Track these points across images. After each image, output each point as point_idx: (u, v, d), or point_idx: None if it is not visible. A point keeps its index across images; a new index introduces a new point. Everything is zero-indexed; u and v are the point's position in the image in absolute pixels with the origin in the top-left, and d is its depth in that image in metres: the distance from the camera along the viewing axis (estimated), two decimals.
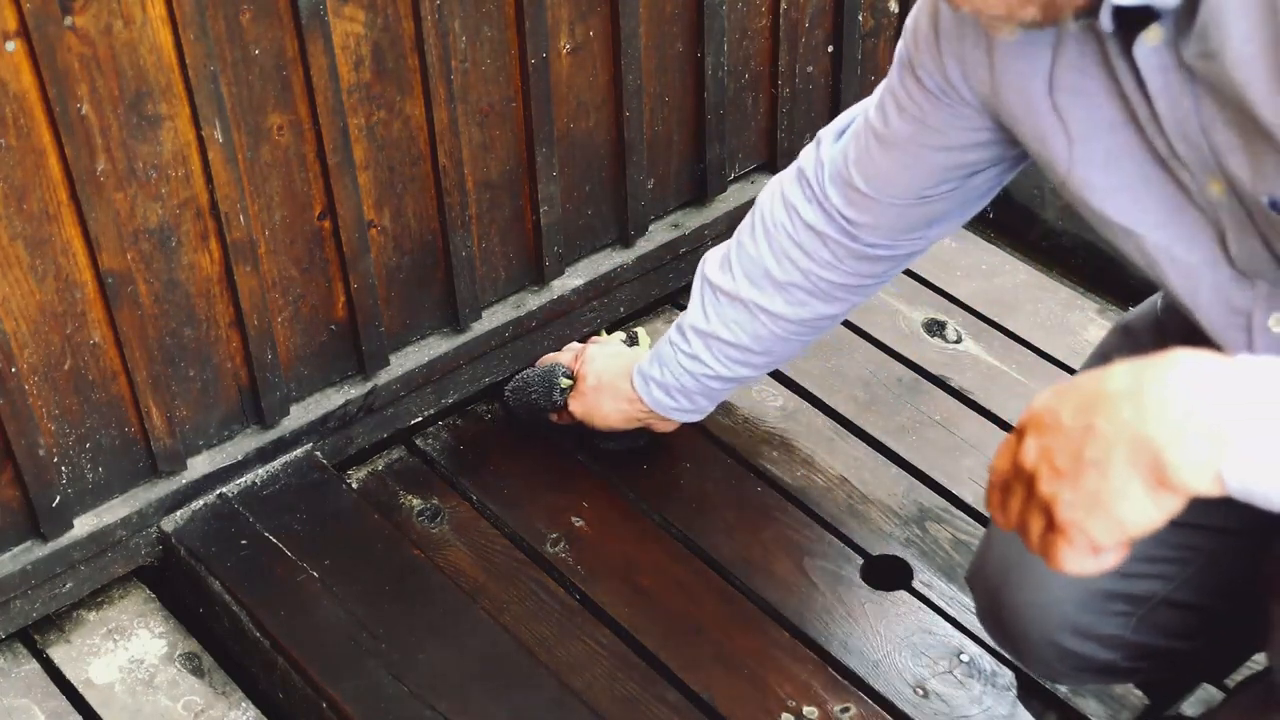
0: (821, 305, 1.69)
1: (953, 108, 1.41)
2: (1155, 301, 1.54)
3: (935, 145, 1.46)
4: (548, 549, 1.89)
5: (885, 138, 1.50)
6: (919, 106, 1.43)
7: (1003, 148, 1.45)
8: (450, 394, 2.03)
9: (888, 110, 1.48)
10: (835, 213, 1.60)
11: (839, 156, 1.58)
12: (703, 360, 1.79)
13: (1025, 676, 1.74)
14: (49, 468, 1.70)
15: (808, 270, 1.66)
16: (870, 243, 1.60)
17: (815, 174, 1.62)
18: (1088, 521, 1.00)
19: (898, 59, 1.45)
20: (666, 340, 1.83)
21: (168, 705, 1.72)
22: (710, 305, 1.76)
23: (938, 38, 1.37)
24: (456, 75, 1.81)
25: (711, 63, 2.07)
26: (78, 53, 1.50)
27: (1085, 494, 0.99)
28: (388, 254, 1.89)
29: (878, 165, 1.52)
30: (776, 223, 1.67)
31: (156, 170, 1.62)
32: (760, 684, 1.73)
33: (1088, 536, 1.00)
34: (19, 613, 1.76)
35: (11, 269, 1.57)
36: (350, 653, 1.69)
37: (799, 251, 1.65)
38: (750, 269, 1.71)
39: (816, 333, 1.76)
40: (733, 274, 1.72)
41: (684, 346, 1.80)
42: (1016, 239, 2.42)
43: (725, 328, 1.75)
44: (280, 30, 1.64)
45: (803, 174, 1.64)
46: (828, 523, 1.92)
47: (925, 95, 1.42)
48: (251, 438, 1.88)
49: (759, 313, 1.71)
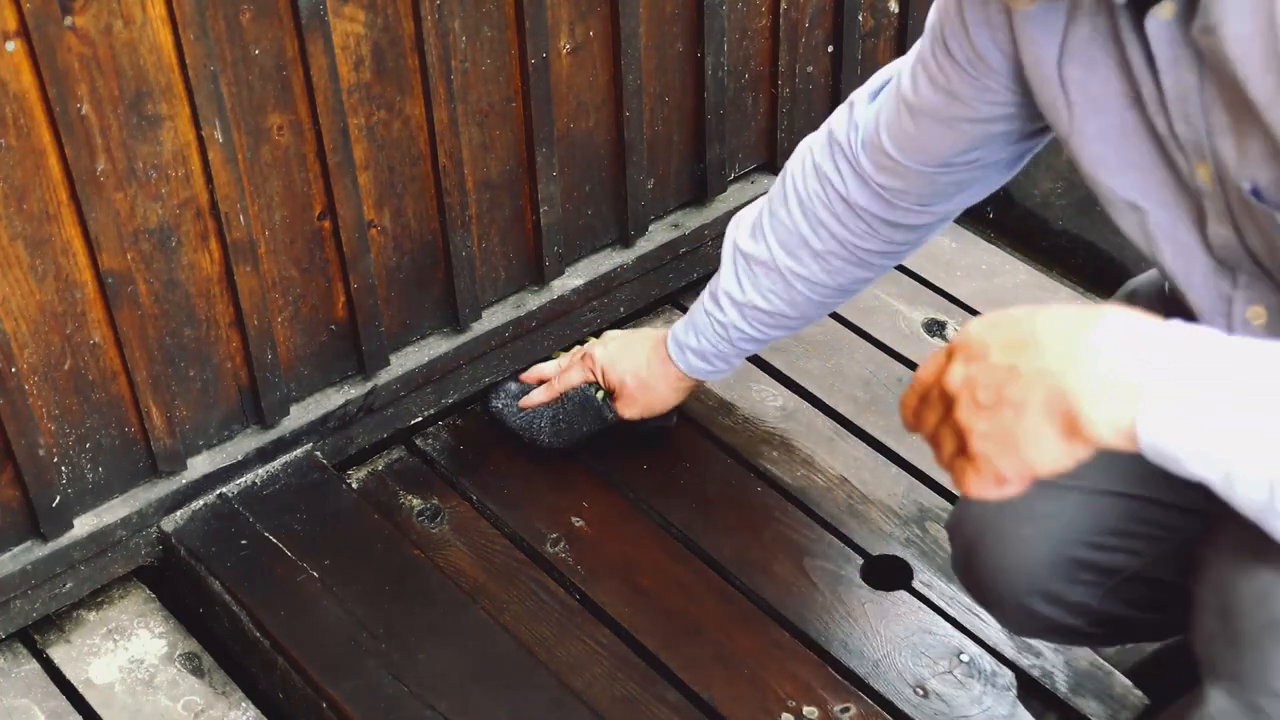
0: (857, 270, 1.70)
1: (979, 80, 1.41)
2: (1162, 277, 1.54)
3: (963, 117, 1.46)
4: (548, 549, 1.89)
5: (915, 106, 1.50)
6: (948, 78, 1.43)
7: (1027, 121, 1.45)
8: (450, 394, 2.03)
9: (919, 79, 1.48)
10: (868, 178, 1.60)
11: (872, 121, 1.58)
12: (739, 328, 1.80)
13: (1025, 676, 1.74)
14: (49, 468, 1.70)
15: (844, 240, 1.66)
16: (903, 208, 1.60)
17: (848, 138, 1.61)
18: (997, 456, 1.05)
19: (929, 27, 1.45)
20: (700, 309, 1.83)
21: (168, 705, 1.72)
22: (745, 276, 1.76)
23: (964, 6, 1.37)
24: (456, 75, 1.81)
25: (711, 63, 2.07)
26: (78, 53, 1.50)
27: (999, 430, 1.05)
28: (388, 254, 1.89)
29: (907, 133, 1.52)
30: (810, 192, 1.66)
31: (156, 170, 1.62)
32: (760, 684, 1.73)
33: (995, 469, 1.06)
34: (19, 613, 1.76)
35: (11, 269, 1.57)
36: (350, 653, 1.69)
37: (835, 222, 1.65)
38: (785, 238, 1.70)
39: (850, 295, 1.78)
40: (766, 242, 1.72)
41: (719, 315, 1.80)
42: (1016, 239, 2.42)
43: (761, 297, 1.75)
44: (280, 30, 1.64)
45: (834, 138, 1.63)
46: (828, 523, 1.92)
47: (954, 67, 1.42)
48: (251, 438, 1.88)
49: (796, 280, 1.72)
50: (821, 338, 2.17)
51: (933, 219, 1.63)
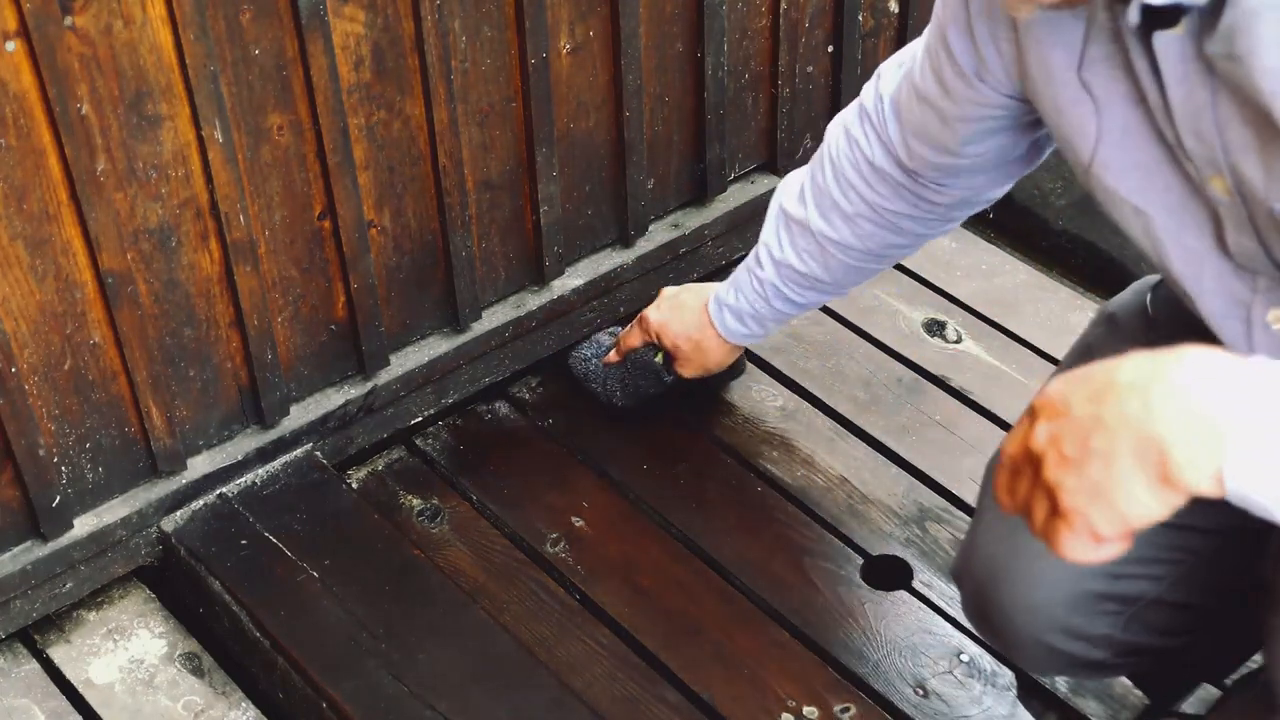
0: (889, 235, 1.70)
1: (969, 80, 1.40)
2: (1143, 294, 1.53)
3: (955, 115, 1.46)
4: (548, 549, 1.89)
5: (920, 92, 1.50)
6: (945, 74, 1.44)
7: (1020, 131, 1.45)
8: (450, 394, 2.03)
9: (924, 67, 1.49)
10: (893, 148, 1.61)
11: (894, 94, 1.59)
12: (775, 285, 1.80)
13: (1025, 676, 1.74)
14: (49, 468, 1.70)
15: (873, 203, 1.66)
16: (923, 181, 1.60)
17: (875, 108, 1.62)
18: (1090, 510, 1.00)
19: (935, 20, 1.45)
20: (744, 266, 1.84)
21: (168, 705, 1.72)
22: (784, 233, 1.77)
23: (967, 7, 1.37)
24: (456, 75, 1.81)
25: (711, 63, 2.07)
26: (78, 53, 1.50)
27: (1089, 483, 1.00)
28: (388, 254, 1.89)
29: (915, 115, 1.53)
30: (840, 154, 1.67)
31: (156, 170, 1.62)
32: (760, 684, 1.73)
33: (1089, 525, 1.01)
34: (19, 613, 1.76)
35: (11, 269, 1.57)
36: (350, 653, 1.69)
37: (863, 184, 1.66)
38: (820, 201, 1.71)
39: (886, 261, 1.77)
40: (805, 205, 1.73)
41: (758, 271, 1.81)
42: (1016, 239, 2.42)
43: (797, 257, 1.76)
44: (280, 30, 1.64)
45: (864, 109, 1.64)
46: (828, 523, 1.92)
47: (953, 66, 1.42)
48: (251, 438, 1.88)
49: (828, 244, 1.72)
50: (821, 338, 2.17)
51: (953, 200, 1.62)
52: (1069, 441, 1.01)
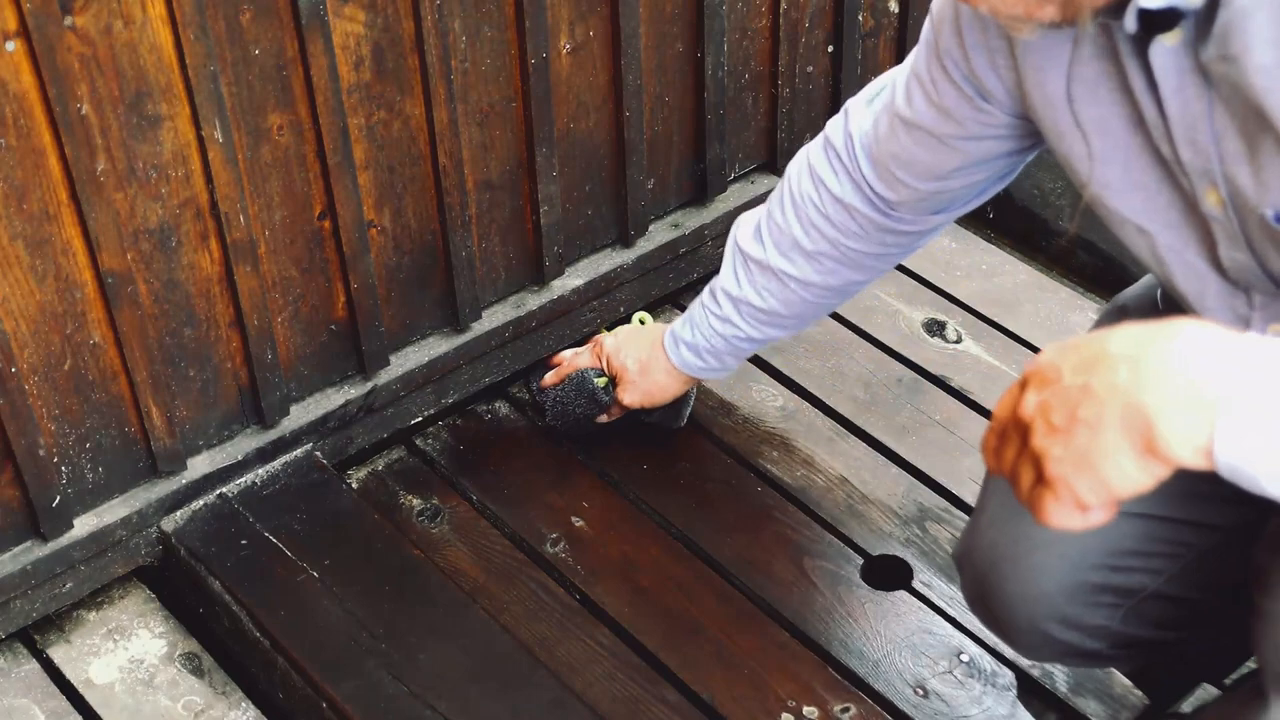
0: (850, 272, 1.70)
1: (973, 101, 1.40)
2: (1154, 287, 1.53)
3: (956, 135, 1.46)
4: (548, 549, 1.89)
5: (910, 121, 1.49)
6: (941, 95, 1.43)
7: (1022, 140, 1.45)
8: (450, 394, 2.03)
9: (913, 94, 1.47)
10: (865, 186, 1.60)
11: (870, 130, 1.58)
12: (733, 323, 1.80)
13: (1025, 676, 1.74)
14: (49, 468, 1.70)
15: (835, 240, 1.66)
16: (897, 217, 1.61)
17: (845, 145, 1.61)
18: (1075, 479, 1.01)
19: (924, 43, 1.44)
20: (699, 303, 1.84)
21: (168, 705, 1.72)
22: (741, 271, 1.77)
23: (961, 29, 1.37)
24: (456, 75, 1.81)
25: (711, 63, 2.07)
26: (78, 53, 1.50)
27: (1075, 451, 1.00)
28: (388, 254, 1.89)
29: (902, 145, 1.52)
30: (804, 195, 1.67)
31: (156, 170, 1.62)
32: (760, 684, 1.73)
33: (1074, 493, 1.02)
34: (19, 613, 1.76)
35: (11, 269, 1.57)
36: (350, 653, 1.69)
37: (826, 223, 1.66)
38: (779, 239, 1.71)
39: (846, 296, 1.78)
40: (763, 244, 1.73)
41: (715, 310, 1.81)
42: (1016, 239, 2.42)
43: (756, 294, 1.76)
44: (280, 30, 1.64)
45: (830, 145, 1.64)
46: (828, 523, 1.92)
47: (950, 85, 1.41)
48: (251, 438, 1.88)
49: (789, 280, 1.72)
50: (821, 338, 2.17)
51: (926, 227, 1.63)
52: (1057, 410, 1.01)
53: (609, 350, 1.95)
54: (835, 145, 1.63)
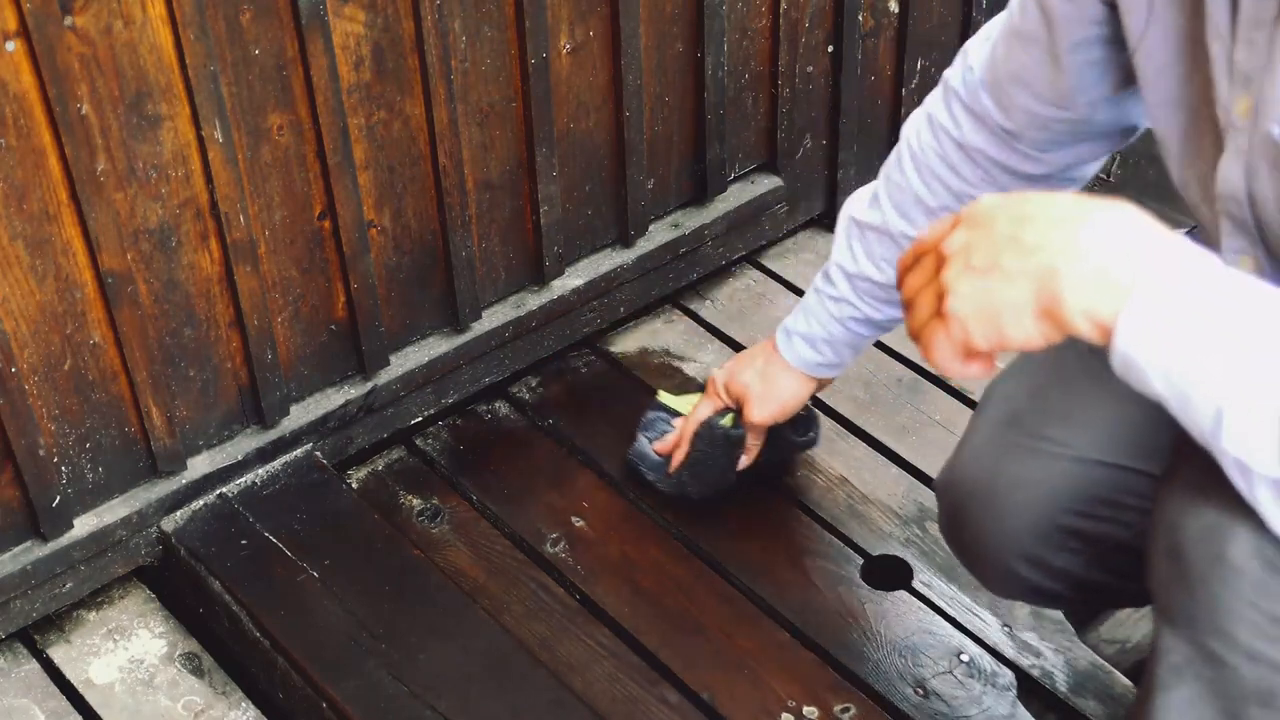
0: None
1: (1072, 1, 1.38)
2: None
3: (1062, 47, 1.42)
4: (548, 549, 1.89)
5: (1021, 32, 1.46)
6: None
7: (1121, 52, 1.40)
8: (450, 394, 2.03)
9: (1025, 4, 1.45)
10: (985, 117, 1.55)
11: (988, 57, 1.54)
12: (850, 302, 1.72)
13: (1025, 676, 1.74)
14: (49, 468, 1.70)
15: (960, 192, 1.60)
16: (1021, 152, 1.55)
17: (965, 80, 1.56)
18: (972, 320, 1.05)
19: None
20: (811, 290, 1.76)
21: (168, 705, 1.72)
22: (857, 243, 1.69)
23: None
24: (456, 75, 1.81)
25: (711, 63, 2.07)
26: (78, 53, 1.50)
27: (982, 294, 1.05)
28: (388, 254, 1.89)
29: (1018, 62, 1.48)
30: (924, 146, 1.62)
31: (156, 170, 1.63)
32: (760, 684, 1.73)
33: (966, 334, 1.06)
34: (19, 613, 1.76)
35: (11, 269, 1.57)
36: (350, 653, 1.69)
37: (950, 172, 1.60)
38: (900, 199, 1.64)
39: None
40: (881, 209, 1.66)
41: (830, 291, 1.73)
42: None
43: (874, 266, 1.68)
44: (280, 30, 1.64)
45: (949, 88, 1.59)
46: (828, 523, 1.92)
47: None
48: (251, 438, 1.88)
49: (908, 244, 1.61)
50: None
51: (1048, 169, 1.57)
52: (980, 252, 1.05)
53: (724, 380, 1.85)
54: (954, 86, 1.58)
